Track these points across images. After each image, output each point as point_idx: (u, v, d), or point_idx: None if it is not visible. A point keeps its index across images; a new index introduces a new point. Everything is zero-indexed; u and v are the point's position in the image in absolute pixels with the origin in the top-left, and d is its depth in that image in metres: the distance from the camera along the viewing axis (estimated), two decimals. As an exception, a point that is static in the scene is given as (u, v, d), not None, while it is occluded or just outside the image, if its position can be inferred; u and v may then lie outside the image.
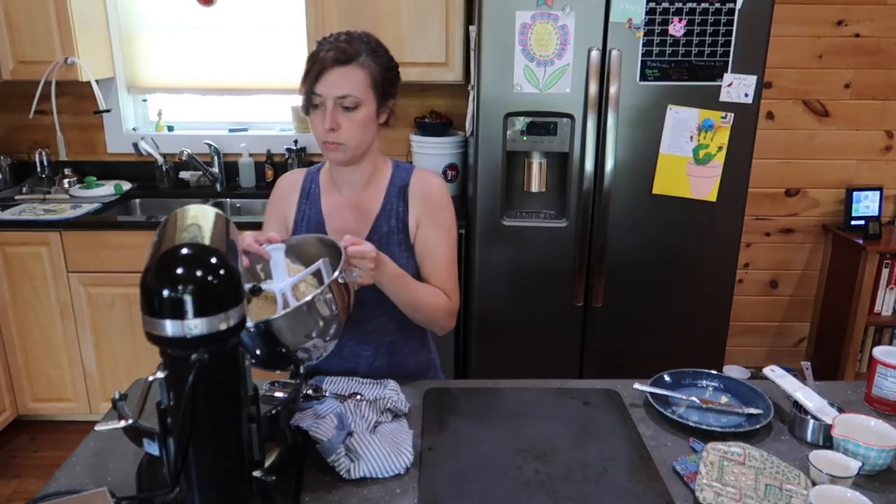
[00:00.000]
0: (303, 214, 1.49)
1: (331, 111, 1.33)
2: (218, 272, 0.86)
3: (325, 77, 1.32)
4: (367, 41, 1.36)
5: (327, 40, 1.35)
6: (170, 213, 1.03)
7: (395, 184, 1.48)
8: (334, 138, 1.36)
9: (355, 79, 1.33)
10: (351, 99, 1.33)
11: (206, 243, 0.89)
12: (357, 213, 1.47)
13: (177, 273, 0.84)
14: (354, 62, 1.33)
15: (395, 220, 1.46)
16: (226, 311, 0.86)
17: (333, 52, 1.31)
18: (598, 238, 2.33)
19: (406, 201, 1.47)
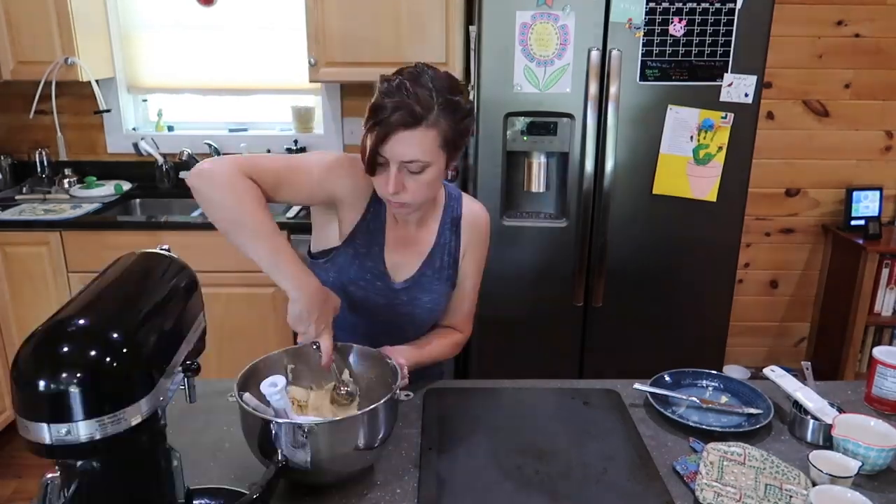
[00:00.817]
0: (367, 224, 1.36)
1: (395, 175, 1.21)
2: (119, 356, 0.64)
3: (391, 140, 1.18)
4: (439, 89, 1.20)
5: (392, 88, 1.20)
6: (121, 257, 0.87)
7: (449, 214, 1.42)
8: (399, 199, 1.25)
9: (424, 143, 1.19)
10: (418, 164, 1.20)
11: (110, 314, 0.68)
12: (414, 247, 1.40)
13: (60, 357, 0.61)
14: (424, 123, 1.18)
15: (448, 255, 1.42)
16: (128, 407, 0.66)
17: (401, 114, 1.17)
18: (598, 238, 2.32)
19: (458, 233, 1.43)
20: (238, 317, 2.69)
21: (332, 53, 2.74)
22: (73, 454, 0.65)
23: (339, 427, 1.06)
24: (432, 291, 1.41)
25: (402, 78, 1.21)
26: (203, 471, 1.15)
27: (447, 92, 1.21)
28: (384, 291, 1.38)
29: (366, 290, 1.37)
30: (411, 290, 1.40)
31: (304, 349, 1.26)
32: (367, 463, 1.14)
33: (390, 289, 1.38)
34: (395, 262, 1.38)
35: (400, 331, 1.42)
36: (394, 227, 1.39)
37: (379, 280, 1.38)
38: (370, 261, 1.37)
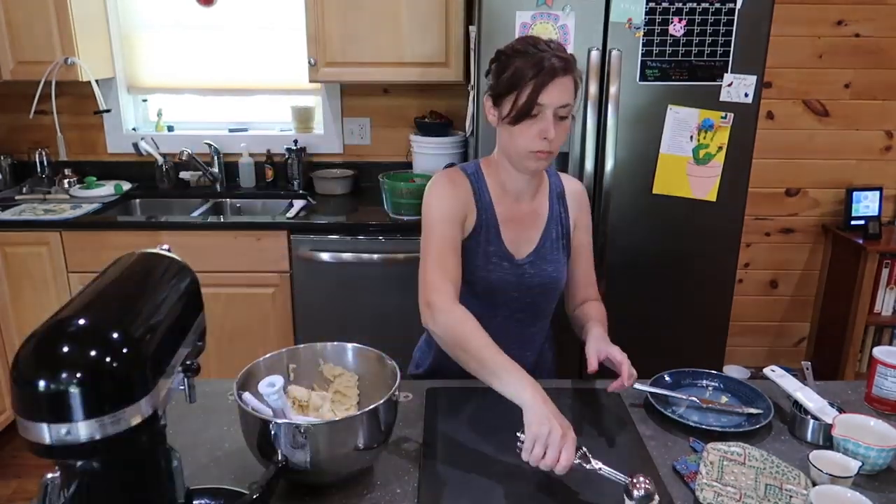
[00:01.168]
0: (482, 221, 1.44)
1: (551, 120, 1.31)
2: (118, 356, 0.63)
3: (552, 86, 1.28)
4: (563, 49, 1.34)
5: (528, 48, 1.31)
6: (121, 258, 0.86)
7: (553, 189, 1.52)
8: (548, 147, 1.33)
9: (572, 88, 1.32)
10: (568, 108, 1.32)
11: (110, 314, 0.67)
12: (531, 222, 1.49)
13: (59, 357, 0.61)
14: (573, 71, 1.31)
15: (560, 225, 1.51)
16: (128, 407, 0.65)
17: (556, 61, 1.28)
18: (598, 238, 2.32)
19: (566, 206, 1.53)
20: (238, 317, 2.69)
21: (332, 53, 2.74)
22: (73, 454, 0.65)
23: (338, 427, 1.06)
24: (554, 261, 1.49)
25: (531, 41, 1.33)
26: (203, 471, 1.16)
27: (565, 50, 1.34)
28: (512, 269, 1.46)
29: (496, 272, 1.45)
30: (535, 262, 1.48)
31: (299, 350, 1.26)
32: (366, 463, 1.14)
33: (517, 265, 1.46)
34: (514, 240, 1.46)
35: (532, 304, 1.51)
36: (503, 208, 1.46)
37: (505, 261, 1.46)
38: (492, 245, 1.45)
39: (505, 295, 1.48)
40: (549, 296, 1.53)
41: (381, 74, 2.79)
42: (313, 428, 1.02)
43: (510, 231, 1.46)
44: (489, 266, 1.44)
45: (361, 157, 3.21)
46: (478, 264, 1.44)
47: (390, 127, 3.17)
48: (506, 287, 1.47)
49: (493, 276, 1.45)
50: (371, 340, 1.34)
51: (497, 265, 1.45)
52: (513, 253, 1.46)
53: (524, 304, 1.50)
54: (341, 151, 3.21)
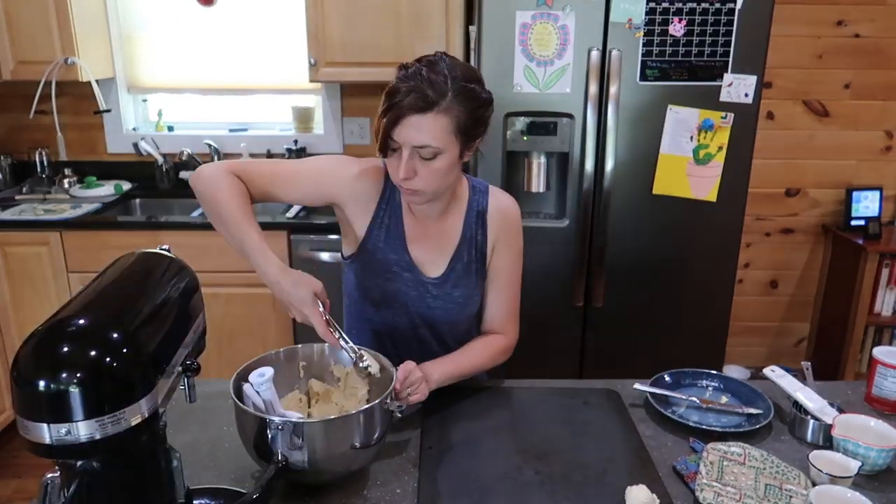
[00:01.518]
0: (381, 222, 1.37)
1: (406, 160, 1.20)
2: (118, 355, 0.63)
3: (402, 124, 1.18)
4: (454, 76, 1.19)
5: (408, 73, 1.20)
6: (120, 258, 0.86)
7: (474, 208, 1.41)
8: (410, 186, 1.24)
9: (436, 128, 1.18)
10: (429, 150, 1.20)
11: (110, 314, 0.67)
12: (439, 242, 1.40)
13: (60, 357, 0.61)
14: (436, 108, 1.17)
15: (475, 249, 1.41)
16: (128, 407, 0.65)
17: (413, 98, 1.16)
18: (598, 238, 2.32)
19: (485, 227, 1.41)
20: (238, 317, 2.69)
21: (332, 53, 2.74)
22: (73, 454, 0.65)
23: (334, 426, 1.06)
24: (463, 286, 1.40)
25: (420, 64, 1.21)
26: (203, 471, 1.15)
27: (463, 79, 1.21)
28: (414, 284, 1.39)
29: (395, 281, 1.39)
30: (443, 285, 1.40)
31: (294, 350, 1.27)
32: (363, 462, 1.14)
33: (420, 282, 1.39)
34: (421, 258, 1.39)
35: (434, 328, 1.42)
36: (414, 222, 1.39)
37: (407, 271, 1.38)
38: (393, 254, 1.38)
39: (405, 308, 1.40)
40: (452, 322, 1.43)
41: (381, 74, 2.77)
42: (309, 427, 1.03)
43: (419, 249, 1.39)
44: (388, 274, 1.38)
45: (361, 157, 3.20)
46: (376, 270, 1.38)
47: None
48: (405, 300, 1.39)
49: (390, 285, 1.38)
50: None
51: (397, 275, 1.38)
52: (420, 270, 1.39)
53: (428, 323, 1.41)
54: (341, 151, 3.21)
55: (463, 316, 1.44)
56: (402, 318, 1.41)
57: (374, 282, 1.39)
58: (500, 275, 1.44)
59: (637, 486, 1.07)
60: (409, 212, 1.39)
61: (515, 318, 1.49)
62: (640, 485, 1.08)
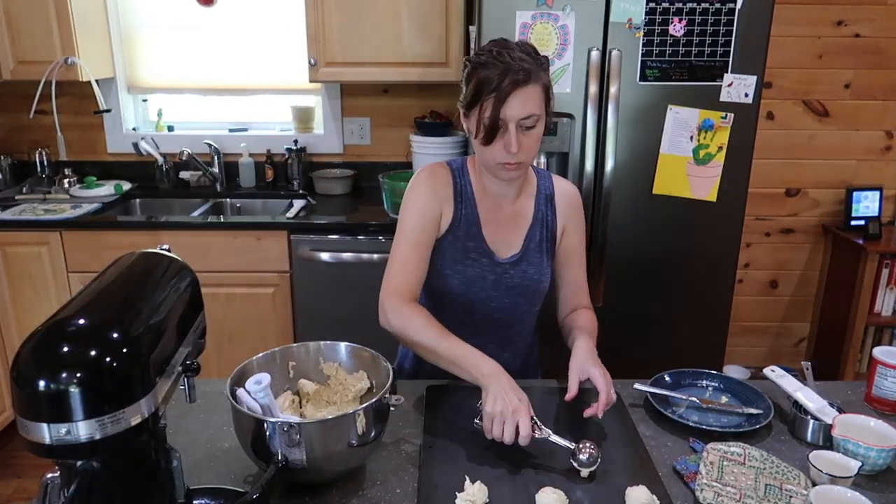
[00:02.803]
0: (461, 215, 1.45)
1: (515, 134, 1.29)
2: (118, 355, 0.63)
3: (509, 102, 1.27)
4: (528, 51, 1.31)
5: (490, 59, 1.28)
6: (121, 257, 0.86)
7: (542, 192, 1.50)
8: (517, 159, 1.32)
9: (535, 97, 1.29)
10: (533, 118, 1.30)
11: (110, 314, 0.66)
12: (513, 223, 1.48)
13: (59, 357, 0.61)
14: (532, 79, 1.28)
15: (546, 228, 1.49)
16: (128, 407, 0.65)
17: (511, 76, 1.26)
18: (598, 238, 2.32)
19: (554, 209, 1.51)
20: (238, 317, 2.69)
21: (332, 53, 2.74)
22: (73, 454, 0.65)
23: (329, 425, 1.06)
24: (537, 264, 1.48)
25: (495, 49, 1.30)
26: (203, 471, 1.15)
27: (534, 51, 1.32)
28: (491, 267, 1.46)
29: (474, 267, 1.45)
30: (518, 264, 1.47)
31: (293, 349, 1.27)
32: (361, 459, 1.14)
33: (497, 264, 1.46)
34: (497, 240, 1.46)
35: (512, 305, 1.49)
36: (488, 207, 1.47)
37: (484, 257, 1.46)
38: (471, 241, 1.45)
39: (482, 292, 1.47)
40: (529, 298, 1.51)
41: (381, 74, 2.79)
42: (304, 426, 1.03)
43: (492, 231, 1.46)
44: (466, 261, 1.45)
45: (361, 157, 3.21)
46: (455, 258, 1.44)
47: (390, 127, 3.17)
48: (483, 284, 1.46)
49: (469, 270, 1.45)
50: (371, 340, 1.34)
51: (475, 261, 1.45)
52: (494, 252, 1.46)
53: (503, 304, 1.49)
54: (341, 151, 3.21)
55: (538, 293, 1.52)
56: (481, 302, 1.48)
57: (455, 269, 1.45)
58: (574, 254, 1.54)
59: (637, 487, 1.07)
60: (482, 198, 1.47)
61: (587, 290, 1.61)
62: (640, 486, 1.08)
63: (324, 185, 3.06)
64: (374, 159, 3.20)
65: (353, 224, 2.65)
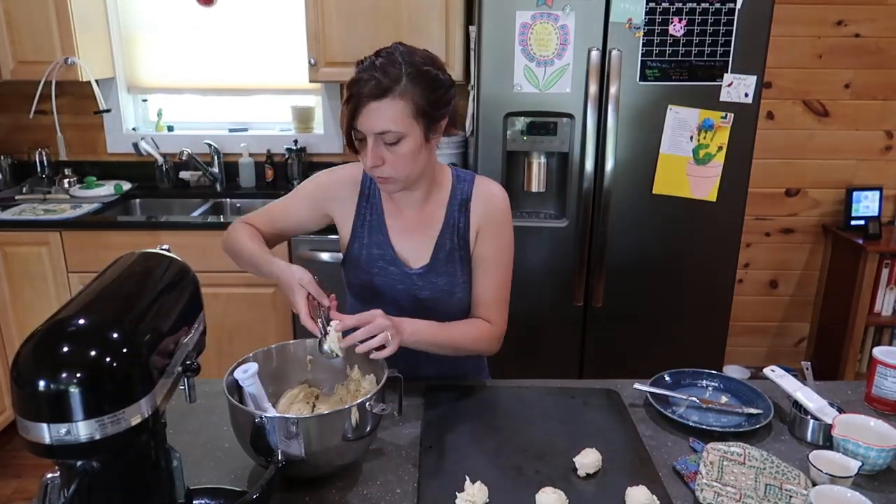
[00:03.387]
0: (363, 219, 1.42)
1: (372, 148, 1.23)
2: (118, 355, 0.63)
3: (362, 113, 1.21)
4: (409, 62, 1.22)
5: (364, 65, 1.24)
6: (121, 257, 0.87)
7: (457, 197, 1.42)
8: (380, 174, 1.28)
9: (394, 112, 1.21)
10: (392, 135, 1.22)
11: (110, 314, 0.66)
12: (421, 231, 1.42)
13: (59, 357, 0.61)
14: (391, 94, 1.20)
15: (457, 236, 1.41)
16: (128, 407, 0.65)
17: (369, 87, 1.20)
18: (598, 238, 2.32)
19: (467, 214, 1.41)
20: (238, 317, 2.69)
21: (332, 53, 2.74)
22: (73, 454, 0.65)
23: (323, 421, 1.08)
24: (448, 274, 1.41)
25: (375, 56, 1.25)
26: (203, 471, 1.15)
27: (420, 64, 1.24)
28: (401, 277, 1.41)
29: (383, 277, 1.42)
30: (427, 275, 1.41)
31: (289, 346, 1.29)
32: (353, 456, 1.14)
33: (406, 274, 1.41)
34: (406, 249, 1.42)
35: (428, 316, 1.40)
36: (395, 215, 1.42)
37: (392, 265, 1.41)
38: (377, 249, 1.41)
39: (397, 301, 1.41)
40: (443, 310, 1.42)
41: (381, 74, 2.79)
42: (302, 421, 1.04)
43: (402, 240, 1.41)
44: (373, 269, 1.41)
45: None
46: (364, 267, 1.42)
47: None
48: (394, 294, 1.41)
49: (377, 279, 1.41)
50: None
51: (383, 269, 1.41)
52: (405, 261, 1.41)
53: (419, 314, 1.39)
54: (341, 151, 3.21)
55: (452, 304, 1.43)
56: (394, 312, 1.39)
57: (363, 279, 1.42)
58: (483, 261, 1.43)
59: (637, 488, 1.07)
60: (390, 206, 1.42)
61: (501, 306, 1.46)
62: (640, 486, 1.08)
63: (324, 185, 3.05)
64: (374, 159, 3.19)
65: (353, 224, 2.65)
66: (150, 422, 0.71)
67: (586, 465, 1.14)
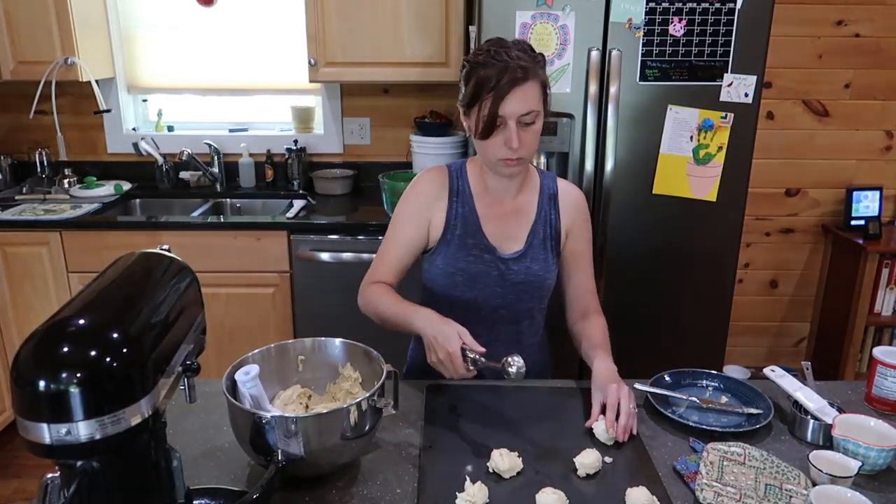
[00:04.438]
0: (455, 213, 1.47)
1: (515, 131, 1.31)
2: (118, 355, 0.63)
3: (508, 99, 1.29)
4: (524, 49, 1.33)
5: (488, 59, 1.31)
6: (121, 257, 0.87)
7: (545, 191, 1.52)
8: (518, 154, 1.34)
9: (534, 94, 1.32)
10: (532, 114, 1.32)
11: (110, 314, 0.67)
12: (515, 219, 1.49)
13: (59, 357, 0.61)
14: (531, 76, 1.31)
15: (549, 227, 1.50)
16: (128, 407, 0.65)
17: (510, 74, 1.28)
18: (598, 238, 2.32)
19: (558, 210, 1.51)
20: (238, 317, 2.69)
21: (332, 53, 2.74)
22: (73, 454, 0.65)
23: (321, 420, 1.07)
24: (542, 260, 1.49)
25: (493, 48, 1.33)
26: (203, 471, 1.15)
27: (530, 49, 1.35)
28: (495, 263, 1.47)
29: (477, 264, 1.47)
30: (522, 259, 1.48)
31: (288, 346, 1.29)
32: (354, 455, 1.15)
33: (500, 259, 1.47)
34: (498, 235, 1.48)
35: (517, 301, 1.50)
36: (487, 205, 1.48)
37: (487, 253, 1.47)
38: (471, 238, 1.47)
39: (487, 289, 1.48)
40: (535, 294, 1.52)
41: (381, 74, 2.79)
42: (302, 420, 1.04)
43: (493, 227, 1.48)
44: (468, 258, 1.46)
45: (361, 157, 3.21)
46: (457, 255, 1.47)
47: (390, 127, 3.17)
48: (487, 280, 1.47)
49: (472, 267, 1.47)
50: (372, 340, 1.34)
51: (477, 257, 1.46)
52: (496, 247, 1.47)
53: (508, 300, 1.50)
54: (341, 151, 3.21)
55: (543, 290, 1.53)
56: (486, 299, 1.49)
57: (458, 266, 1.47)
58: (581, 258, 1.55)
59: (637, 487, 1.07)
60: (482, 196, 1.48)
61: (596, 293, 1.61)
62: (640, 486, 1.08)
63: (324, 185, 3.06)
64: (374, 159, 3.20)
65: (353, 224, 2.65)
66: (150, 422, 0.71)
67: (586, 465, 1.14)
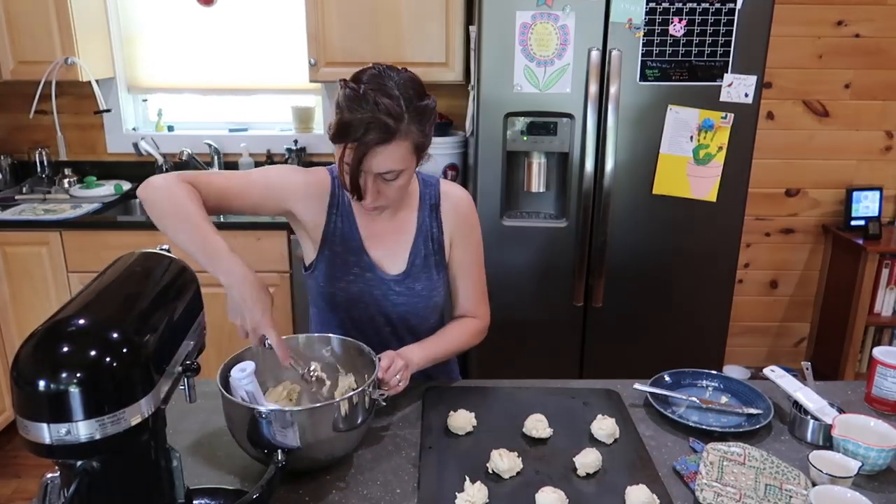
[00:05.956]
0: (334, 228, 1.39)
1: (372, 186, 1.23)
2: (118, 355, 0.63)
3: (368, 158, 1.19)
4: (406, 96, 1.20)
5: (359, 99, 1.18)
6: (121, 257, 0.87)
7: (426, 201, 1.43)
8: (376, 204, 1.28)
9: (399, 153, 1.21)
10: (394, 173, 1.23)
11: (110, 314, 0.67)
12: (395, 238, 1.42)
13: (59, 357, 0.60)
14: (397, 137, 1.19)
15: (431, 241, 1.43)
16: (128, 407, 0.65)
17: (375, 133, 1.17)
18: (598, 238, 2.32)
19: (439, 220, 1.43)
20: (238, 317, 2.68)
21: (332, 53, 2.74)
22: (73, 454, 0.65)
23: (316, 413, 1.08)
24: (425, 279, 1.42)
25: (367, 87, 1.20)
26: (203, 471, 1.16)
27: (415, 98, 1.22)
28: (377, 283, 1.41)
29: (358, 283, 1.40)
30: (405, 280, 1.41)
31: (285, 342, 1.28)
32: (348, 448, 1.15)
33: (383, 280, 1.41)
34: (380, 255, 1.41)
35: (403, 323, 1.44)
36: (367, 223, 1.41)
37: (368, 272, 1.40)
38: (352, 255, 1.40)
39: (370, 308, 1.41)
40: (420, 314, 1.45)
41: (381, 74, 2.79)
42: (298, 414, 1.05)
43: (376, 247, 1.40)
44: (348, 276, 1.39)
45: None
46: (337, 275, 1.39)
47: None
48: (370, 300, 1.40)
49: (352, 287, 1.40)
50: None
51: (358, 276, 1.39)
52: (381, 268, 1.40)
53: (395, 319, 1.43)
54: (296, 162, 3.20)
55: (429, 308, 1.46)
56: (371, 318, 1.43)
57: (337, 286, 1.40)
58: (463, 266, 1.47)
59: (637, 487, 1.07)
60: (361, 213, 1.40)
61: (485, 300, 1.53)
62: (640, 485, 1.08)
63: (324, 185, 3.05)
64: (374, 159, 3.19)
65: (353, 224, 2.65)
66: (151, 422, 0.71)
67: (586, 465, 1.14)
